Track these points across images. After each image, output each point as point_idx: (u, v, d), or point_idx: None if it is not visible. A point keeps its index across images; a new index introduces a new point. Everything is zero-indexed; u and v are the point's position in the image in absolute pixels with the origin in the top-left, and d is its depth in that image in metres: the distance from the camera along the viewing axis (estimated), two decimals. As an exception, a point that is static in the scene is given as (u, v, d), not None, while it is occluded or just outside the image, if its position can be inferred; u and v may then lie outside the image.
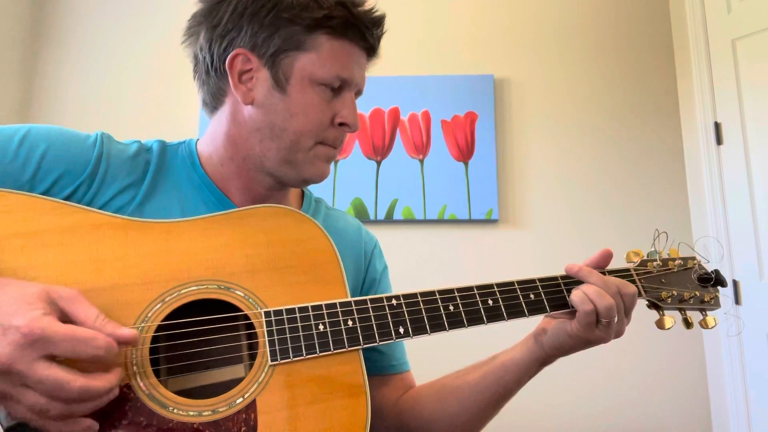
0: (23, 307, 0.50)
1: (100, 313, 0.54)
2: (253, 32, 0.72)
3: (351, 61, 0.75)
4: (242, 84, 0.74)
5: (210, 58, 0.75)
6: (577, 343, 0.73)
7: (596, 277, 0.73)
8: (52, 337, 0.49)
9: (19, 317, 0.49)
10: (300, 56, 0.72)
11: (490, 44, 2.33)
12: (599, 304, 0.69)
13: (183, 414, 0.57)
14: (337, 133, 0.76)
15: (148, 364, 0.58)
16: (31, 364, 0.48)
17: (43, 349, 0.49)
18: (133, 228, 0.64)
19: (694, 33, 2.18)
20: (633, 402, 2.03)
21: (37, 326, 0.49)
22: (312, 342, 0.63)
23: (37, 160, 0.67)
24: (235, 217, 0.69)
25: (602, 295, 0.70)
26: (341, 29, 0.73)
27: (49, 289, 0.53)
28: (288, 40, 0.72)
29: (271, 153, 0.74)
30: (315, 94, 0.73)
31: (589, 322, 0.70)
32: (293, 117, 0.73)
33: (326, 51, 0.73)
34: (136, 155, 0.75)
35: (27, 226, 0.60)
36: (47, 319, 0.50)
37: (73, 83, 2.38)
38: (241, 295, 0.64)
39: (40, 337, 0.48)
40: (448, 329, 0.68)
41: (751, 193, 1.98)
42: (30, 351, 0.48)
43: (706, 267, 0.83)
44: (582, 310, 0.70)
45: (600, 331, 0.71)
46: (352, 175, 2.19)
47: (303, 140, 0.74)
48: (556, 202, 2.20)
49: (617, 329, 0.73)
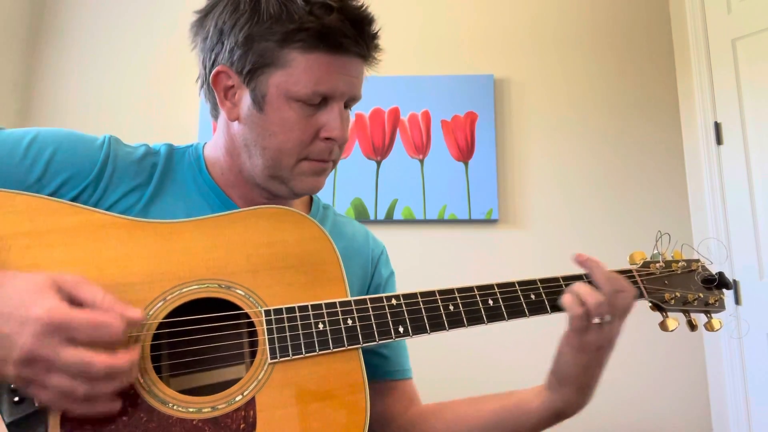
0: (36, 296, 0.52)
1: (106, 294, 0.55)
2: (230, 48, 0.70)
3: (331, 72, 0.70)
4: (227, 100, 0.74)
5: (204, 71, 0.75)
6: (576, 355, 0.71)
7: (600, 271, 0.72)
8: (72, 322, 0.51)
9: (36, 307, 0.50)
10: (274, 73, 0.69)
11: (490, 44, 2.33)
12: (590, 302, 0.69)
13: (182, 410, 0.57)
14: (324, 146, 0.73)
15: (148, 361, 0.58)
16: (55, 349, 0.50)
17: (65, 334, 0.50)
18: (136, 228, 0.65)
19: (694, 33, 2.18)
20: (633, 402, 2.03)
21: (57, 314, 0.50)
22: (311, 340, 0.63)
23: (45, 162, 0.68)
24: (237, 217, 0.69)
25: (592, 293, 0.69)
26: (313, 41, 0.68)
27: (54, 276, 0.54)
28: (262, 56, 0.69)
29: (258, 169, 0.74)
30: (293, 111, 0.70)
31: (580, 326, 0.69)
32: (272, 136, 0.71)
33: (300, 66, 0.69)
34: (143, 158, 0.76)
35: (32, 226, 0.61)
36: (64, 305, 0.52)
37: (73, 85, 2.39)
38: (241, 294, 0.64)
39: (60, 324, 0.50)
40: (447, 329, 0.69)
41: (751, 193, 1.98)
42: (53, 337, 0.50)
43: (710, 269, 0.82)
44: (571, 314, 0.69)
45: (594, 334, 0.69)
46: (352, 175, 2.20)
47: (284, 159, 0.72)
48: (556, 202, 2.20)
49: (609, 333, 0.71)
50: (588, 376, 0.73)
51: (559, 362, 0.74)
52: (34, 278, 0.54)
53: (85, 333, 0.51)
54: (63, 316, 0.51)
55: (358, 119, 2.23)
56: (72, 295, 0.54)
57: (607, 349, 0.72)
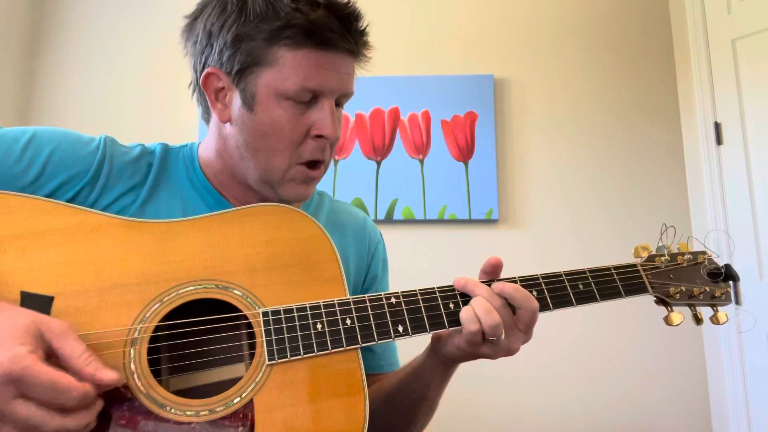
0: (10, 339, 0.49)
1: (86, 350, 0.52)
2: (219, 50, 0.70)
3: (319, 68, 0.70)
4: (218, 102, 0.74)
5: (195, 74, 0.76)
6: (465, 356, 0.69)
7: (483, 289, 0.67)
8: (31, 380, 0.48)
9: (3, 352, 0.48)
10: (263, 72, 0.69)
11: (490, 44, 2.33)
12: (485, 322, 0.64)
13: (180, 414, 0.57)
14: (315, 145, 0.73)
15: (146, 365, 0.58)
16: (7, 402, 0.48)
17: (20, 390, 0.48)
18: (132, 228, 0.65)
19: (694, 33, 2.18)
20: (633, 400, 2.03)
21: (18, 366, 0.47)
22: (310, 341, 0.63)
23: (42, 163, 0.68)
24: (234, 216, 0.69)
25: (490, 311, 0.65)
26: (300, 38, 0.68)
27: (39, 321, 0.52)
28: (250, 56, 0.69)
29: (250, 172, 0.74)
30: (282, 110, 0.70)
31: (474, 341, 0.66)
32: (264, 136, 0.71)
33: (288, 63, 0.69)
34: (138, 158, 0.76)
35: (28, 228, 0.61)
36: (30, 358, 0.48)
37: (72, 86, 2.38)
38: (239, 294, 0.64)
39: (19, 377, 0.47)
40: (447, 328, 0.68)
41: (751, 193, 1.98)
42: (8, 389, 0.47)
43: (717, 261, 0.81)
44: (467, 329, 0.66)
45: (487, 348, 0.67)
46: (352, 175, 2.19)
47: (276, 160, 0.72)
48: (556, 202, 2.20)
49: (507, 347, 0.67)
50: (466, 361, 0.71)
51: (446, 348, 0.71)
52: (17, 318, 0.51)
53: (42, 393, 0.48)
54: (23, 369, 0.47)
55: (358, 119, 2.23)
56: (53, 346, 0.52)
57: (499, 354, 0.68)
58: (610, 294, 0.75)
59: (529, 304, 0.67)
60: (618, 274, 0.76)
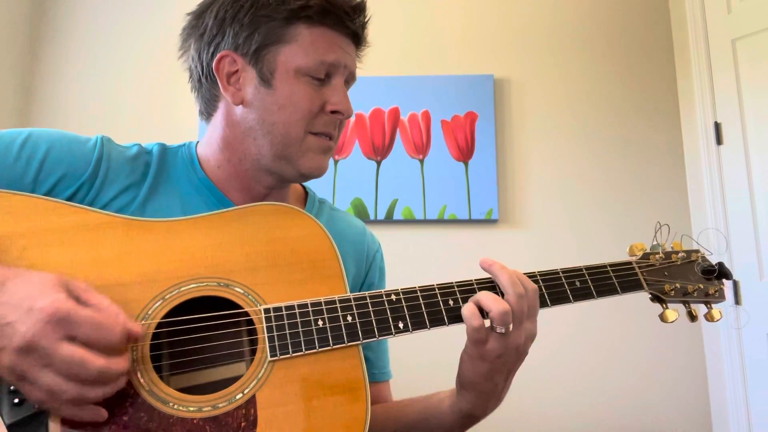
0: (44, 289, 0.52)
1: (112, 303, 0.55)
2: (234, 33, 0.74)
3: (334, 45, 0.75)
4: (231, 85, 0.76)
5: (200, 66, 0.77)
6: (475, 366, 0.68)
7: (506, 276, 0.68)
8: (76, 318, 0.51)
9: (44, 298, 0.51)
10: (282, 49, 0.74)
11: (490, 44, 2.33)
12: (494, 311, 0.65)
13: (183, 410, 0.57)
14: (328, 119, 0.76)
15: (148, 361, 0.58)
16: (55, 341, 0.50)
17: (67, 329, 0.51)
18: (133, 227, 0.65)
19: (694, 33, 2.18)
20: (633, 400, 2.03)
21: (63, 307, 0.51)
22: (311, 338, 0.63)
23: (39, 162, 0.68)
24: (235, 215, 0.69)
25: (496, 300, 0.65)
26: (319, 17, 0.73)
27: (63, 277, 0.55)
28: (268, 35, 0.73)
29: (266, 150, 0.75)
30: (301, 84, 0.74)
31: (478, 339, 0.66)
32: (281, 109, 0.74)
33: (307, 39, 0.73)
34: (136, 157, 0.77)
35: (29, 227, 0.61)
36: (71, 301, 0.52)
37: (73, 86, 2.39)
38: (240, 292, 0.64)
39: (65, 317, 0.50)
40: (447, 324, 0.68)
41: (751, 193, 1.98)
42: (54, 330, 0.50)
43: (710, 259, 0.82)
44: (469, 325, 0.66)
45: (494, 342, 0.66)
46: (352, 175, 2.20)
47: (293, 131, 0.74)
48: (556, 202, 2.20)
49: (515, 342, 0.67)
50: (491, 383, 0.69)
51: (461, 368, 0.71)
52: (43, 275, 0.55)
53: (87, 331, 0.51)
54: (68, 309, 0.51)
55: (358, 119, 2.23)
56: (81, 297, 0.54)
57: (510, 356, 0.68)
58: (607, 291, 0.75)
59: (528, 284, 0.69)
60: (614, 271, 0.77)
